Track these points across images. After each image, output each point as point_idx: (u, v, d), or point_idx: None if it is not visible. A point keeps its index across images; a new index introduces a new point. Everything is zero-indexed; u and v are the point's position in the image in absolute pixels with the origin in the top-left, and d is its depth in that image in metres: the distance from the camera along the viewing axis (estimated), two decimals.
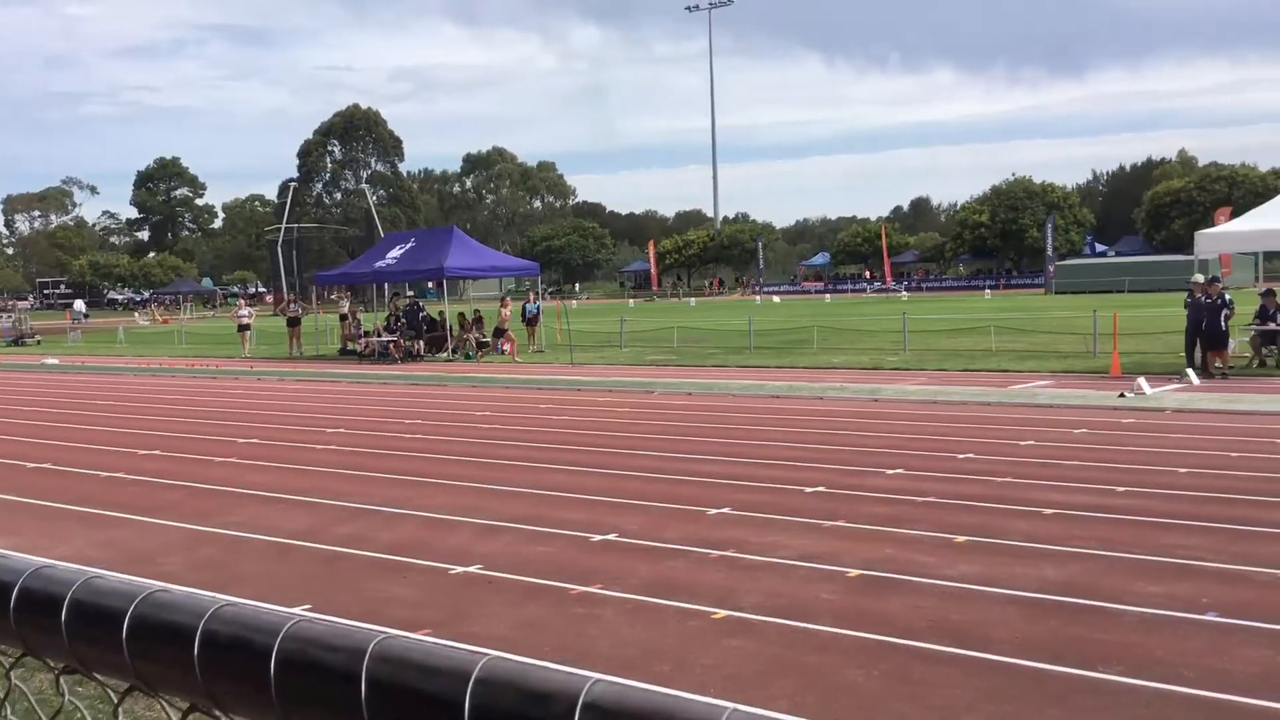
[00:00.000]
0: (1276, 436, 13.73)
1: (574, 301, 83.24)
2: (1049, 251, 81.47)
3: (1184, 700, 5.55)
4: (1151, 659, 6.13)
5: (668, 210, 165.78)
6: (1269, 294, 22.28)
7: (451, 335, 34.27)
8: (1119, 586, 7.53)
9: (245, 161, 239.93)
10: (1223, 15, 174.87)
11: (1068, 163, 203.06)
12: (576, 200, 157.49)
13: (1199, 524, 9.23)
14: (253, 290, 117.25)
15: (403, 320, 33.89)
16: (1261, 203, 24.64)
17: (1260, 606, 6.98)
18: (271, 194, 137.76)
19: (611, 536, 9.52)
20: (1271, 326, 21.51)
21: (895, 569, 8.19)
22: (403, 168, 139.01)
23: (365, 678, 0.81)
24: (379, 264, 35.53)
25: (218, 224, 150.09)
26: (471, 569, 8.60)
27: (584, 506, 10.90)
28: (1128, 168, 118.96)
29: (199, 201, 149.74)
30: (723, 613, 7.27)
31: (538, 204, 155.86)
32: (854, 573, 8.13)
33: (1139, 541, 8.72)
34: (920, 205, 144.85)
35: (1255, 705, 5.44)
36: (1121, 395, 17.90)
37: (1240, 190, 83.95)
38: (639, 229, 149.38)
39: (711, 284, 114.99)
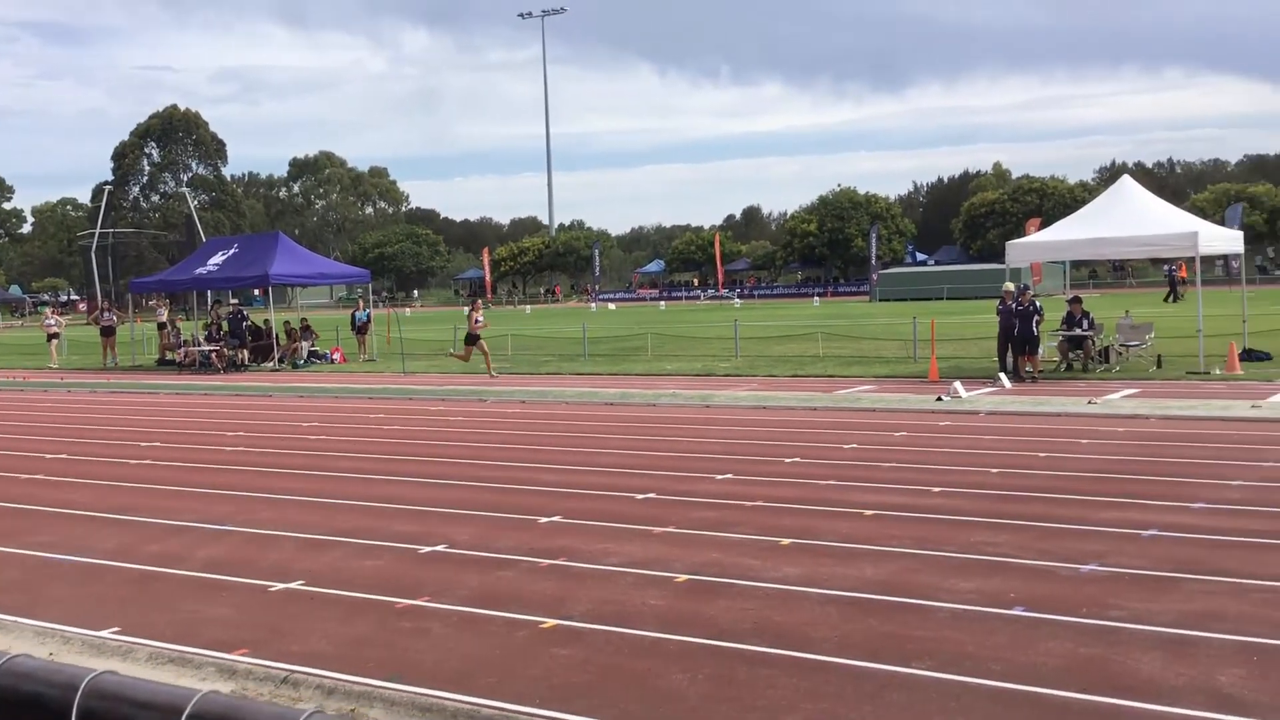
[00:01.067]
0: (1080, 437, 14.47)
1: (407, 309, 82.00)
2: (873, 260, 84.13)
3: (991, 693, 5.78)
4: (962, 653, 6.38)
5: (503, 217, 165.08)
6: (1076, 301, 23.49)
7: (278, 344, 33.34)
8: (932, 584, 7.81)
9: (57, 164, 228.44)
10: (1032, 35, 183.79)
11: (890, 174, 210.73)
12: (409, 207, 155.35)
13: (1008, 522, 9.65)
14: (64, 298, 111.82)
15: (225, 329, 32.81)
16: (1069, 214, 25.96)
17: (1063, 601, 7.33)
18: (85, 197, 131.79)
19: (441, 548, 9.40)
20: (1077, 332, 22.66)
21: (722, 572, 8.32)
22: (226, 171, 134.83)
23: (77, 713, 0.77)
24: (200, 271, 34.33)
25: (27, 229, 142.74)
26: (293, 585, 8.37)
27: (414, 518, 10.73)
28: (946, 180, 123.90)
29: (6, 205, 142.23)
30: (552, 622, 7.25)
31: (369, 210, 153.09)
32: (682, 577, 8.22)
33: (952, 540, 9.06)
34: (752, 214, 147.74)
35: (1058, 696, 5.70)
36: (939, 399, 18.59)
37: (1050, 201, 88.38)
38: (474, 236, 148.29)
39: (553, 290, 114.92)
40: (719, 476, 12.35)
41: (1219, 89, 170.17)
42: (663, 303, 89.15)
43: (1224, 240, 24.12)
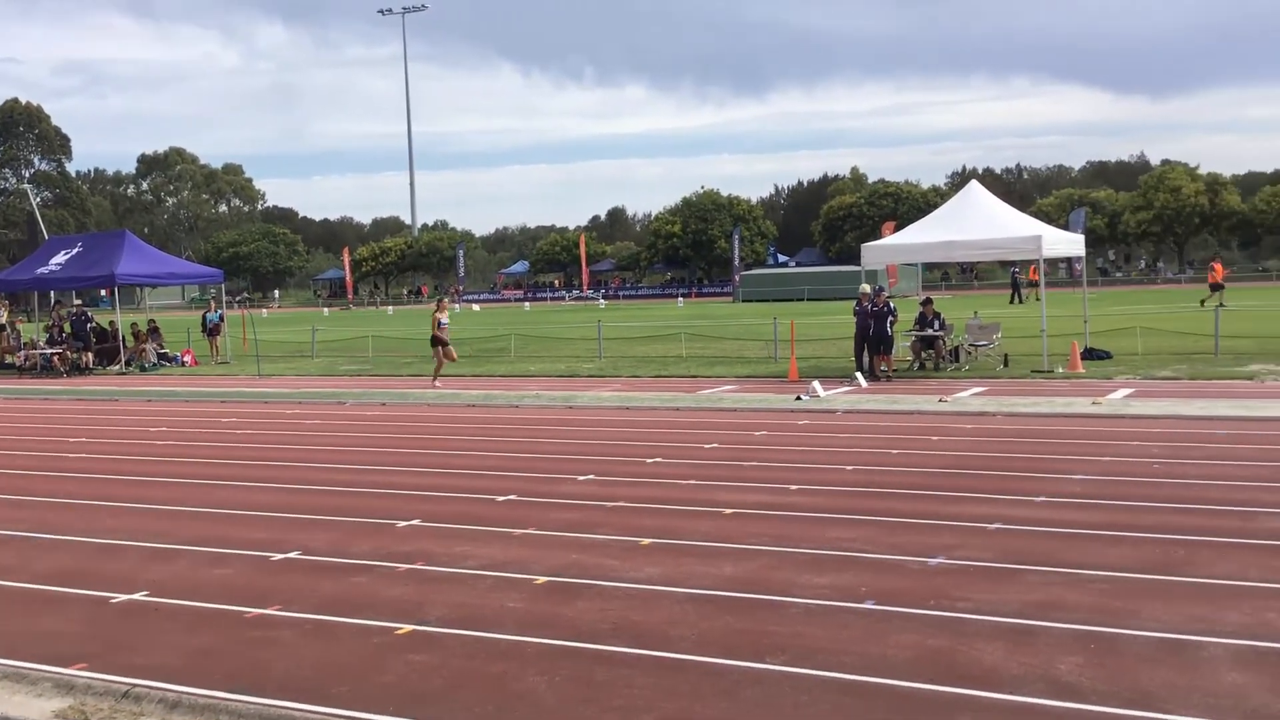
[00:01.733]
0: (932, 434, 14.88)
1: (264, 310, 79.95)
2: (736, 261, 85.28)
3: (841, 686, 5.89)
4: (815, 648, 6.48)
5: (364, 217, 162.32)
6: (928, 302, 24.18)
7: (125, 347, 32.15)
8: (788, 580, 7.93)
9: None
10: (888, 44, 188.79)
11: (752, 177, 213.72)
12: (266, 205, 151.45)
13: (862, 518, 9.87)
14: None
15: (68, 331, 31.49)
16: (923, 217, 26.72)
17: (912, 594, 7.52)
18: None
19: (294, 555, 9.17)
20: (929, 332, 23.33)
21: (582, 574, 8.30)
22: (71, 167, 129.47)
23: None
24: (42, 270, 32.89)
25: None
26: (137, 596, 8.06)
27: (267, 524, 10.45)
28: (806, 183, 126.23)
29: None
30: (408, 627, 7.14)
31: (223, 208, 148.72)
32: (541, 579, 8.18)
33: (808, 536, 9.22)
34: (617, 215, 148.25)
35: (906, 687, 5.84)
36: (798, 398, 18.93)
37: (906, 205, 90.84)
38: (334, 235, 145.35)
39: (418, 291, 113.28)
40: (581, 477, 12.33)
41: (1063, 98, 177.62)
42: (527, 304, 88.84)
43: (1067, 243, 25.12)
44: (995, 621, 6.87)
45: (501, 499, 11.25)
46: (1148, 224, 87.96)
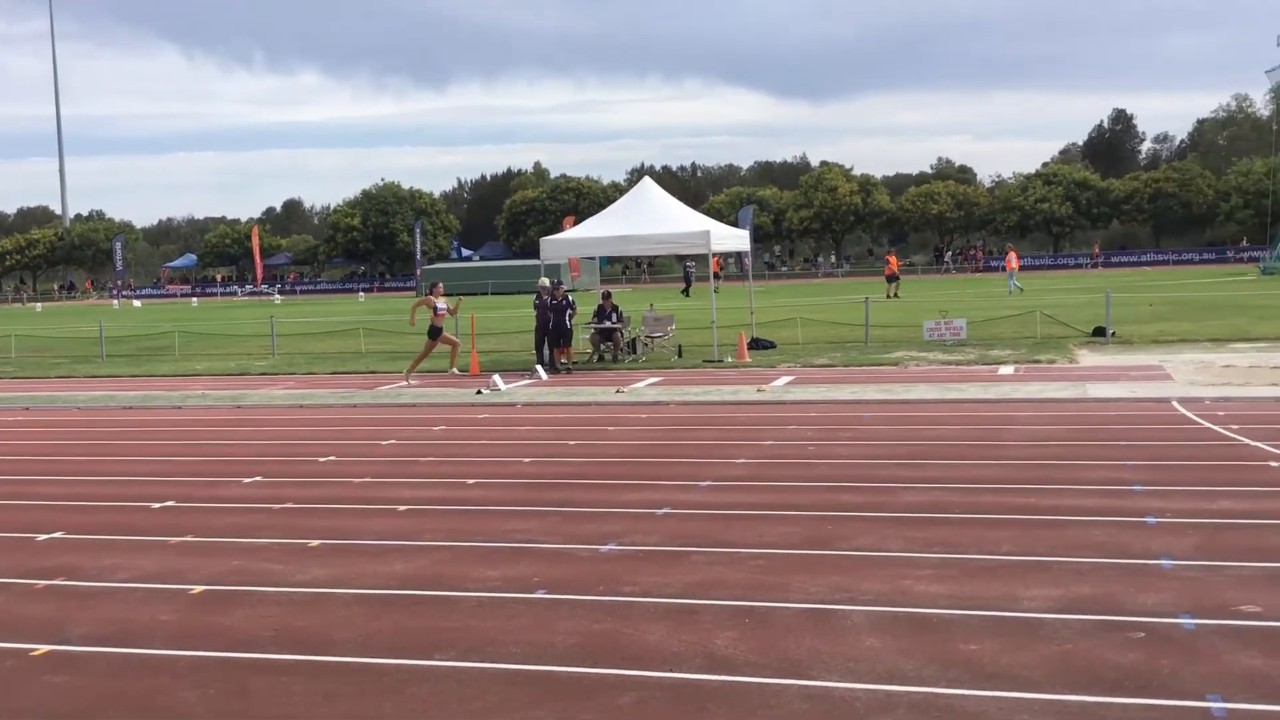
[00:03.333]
0: (609, 424, 15.23)
1: None
2: (418, 255, 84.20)
3: (507, 676, 5.90)
4: (485, 640, 6.47)
5: (8, 206, 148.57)
6: (607, 295, 24.72)
7: None
8: (461, 575, 7.88)
9: None
10: (566, 41, 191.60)
11: (435, 170, 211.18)
12: None
13: (537, 509, 9.95)
14: None
15: None
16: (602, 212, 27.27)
17: (582, 581, 7.65)
18: None
19: None
20: (607, 325, 23.86)
21: (243, 580, 7.93)
22: None
23: None
24: None
25: None
26: None
27: None
28: (489, 177, 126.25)
29: None
30: (45, 648, 6.58)
31: None
32: (198, 589, 7.74)
33: (483, 530, 9.21)
34: (292, 207, 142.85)
35: (571, 672, 5.92)
36: (478, 392, 18.89)
37: (587, 201, 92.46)
38: None
39: (69, 287, 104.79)
40: (247, 480, 11.80)
41: (732, 101, 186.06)
42: (195, 300, 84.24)
43: (734, 239, 26.32)
44: (660, 603, 7.09)
45: (158, 506, 10.59)
46: (809, 221, 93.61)
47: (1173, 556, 7.70)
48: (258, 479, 11.82)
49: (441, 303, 22.58)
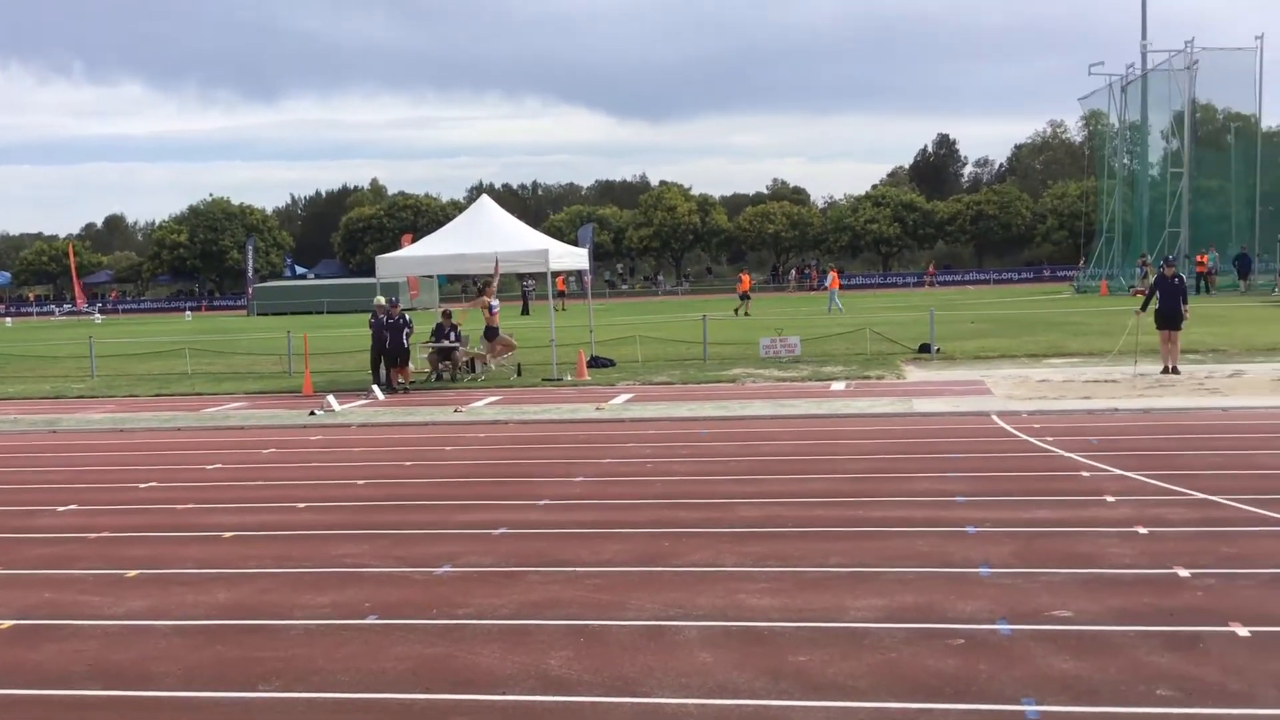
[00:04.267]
0: (446, 444, 15.04)
1: None
2: (250, 273, 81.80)
3: (335, 705, 5.75)
4: (311, 669, 6.29)
5: None
6: (446, 314, 24.42)
7: None
8: (288, 602, 7.65)
9: None
10: (402, 56, 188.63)
11: (267, 185, 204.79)
12: None
13: (370, 532, 9.75)
14: None
15: None
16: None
17: (415, 604, 7.52)
18: None
19: None
20: (446, 344, 23.59)
21: (55, 614, 7.54)
22: None
23: None
24: None
25: None
26: None
27: None
28: (325, 193, 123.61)
29: None
30: None
31: None
32: (6, 624, 7.33)
33: (313, 555, 8.97)
34: (115, 223, 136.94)
35: (401, 699, 5.81)
36: (312, 413, 18.43)
37: (425, 219, 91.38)
38: None
39: None
40: (62, 508, 11.24)
41: (572, 119, 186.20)
42: (9, 320, 79.99)
43: (573, 257, 26.35)
44: (494, 624, 7.02)
45: None
46: (648, 240, 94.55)
47: (990, 565, 8.01)
48: (73, 507, 11.28)
49: (496, 302, 22.16)
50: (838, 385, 20.03)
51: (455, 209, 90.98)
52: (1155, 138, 59.79)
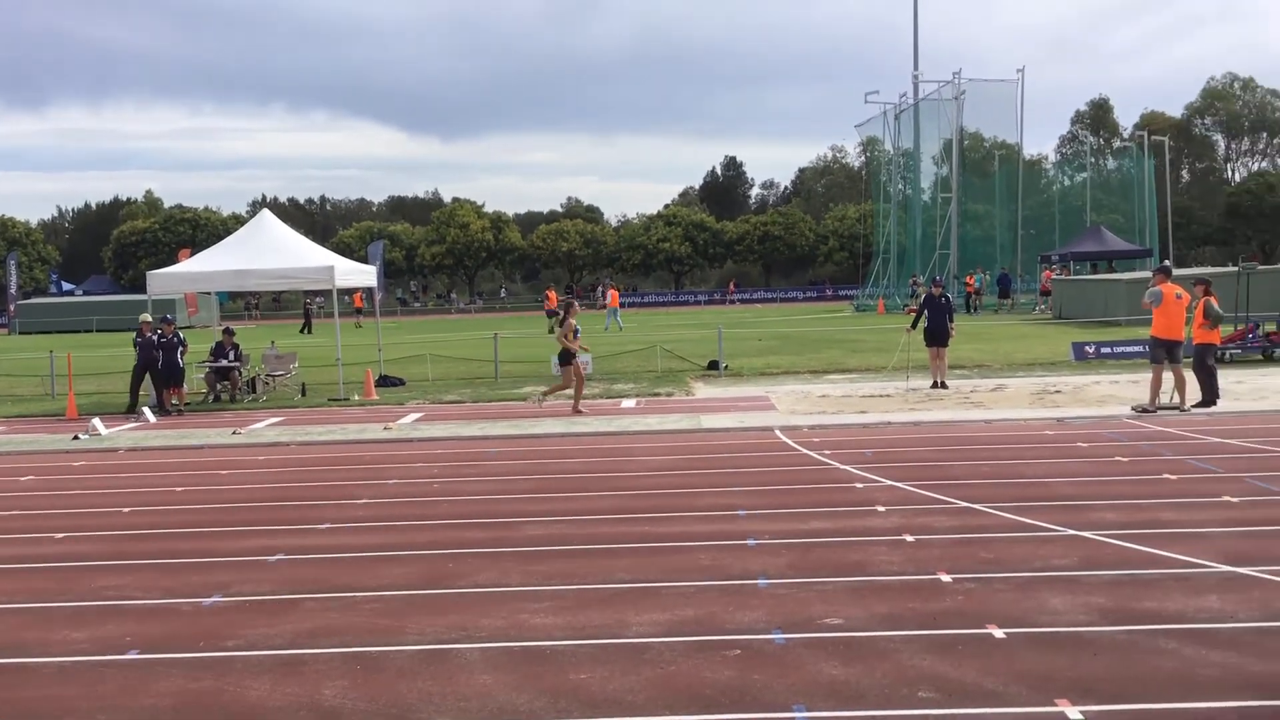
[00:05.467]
0: (223, 468, 14.44)
1: None
2: (13, 290, 76.80)
3: None
4: (65, 710, 5.91)
5: None
6: (228, 332, 23.49)
7: None
8: (41, 639, 7.17)
9: None
10: (179, 65, 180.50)
11: (31, 197, 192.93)
12: None
13: (136, 562, 9.26)
14: None
15: None
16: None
17: (182, 637, 7.16)
18: None
19: None
20: (224, 363, 22.69)
21: None
22: None
23: None
24: None
25: None
26: None
27: None
28: (95, 206, 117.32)
29: None
30: None
31: None
32: None
33: (69, 589, 8.44)
34: None
35: None
36: (76, 438, 17.43)
37: (204, 233, 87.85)
38: None
39: None
40: None
41: (362, 133, 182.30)
42: None
43: (361, 274, 25.79)
44: (266, 655, 6.75)
45: None
46: (441, 257, 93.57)
47: (768, 576, 8.21)
48: None
49: (577, 324, 19.48)
50: (628, 402, 20.24)
51: (237, 223, 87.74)
52: (927, 164, 63.14)
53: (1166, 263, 25.68)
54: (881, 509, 10.43)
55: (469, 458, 14.65)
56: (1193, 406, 16.45)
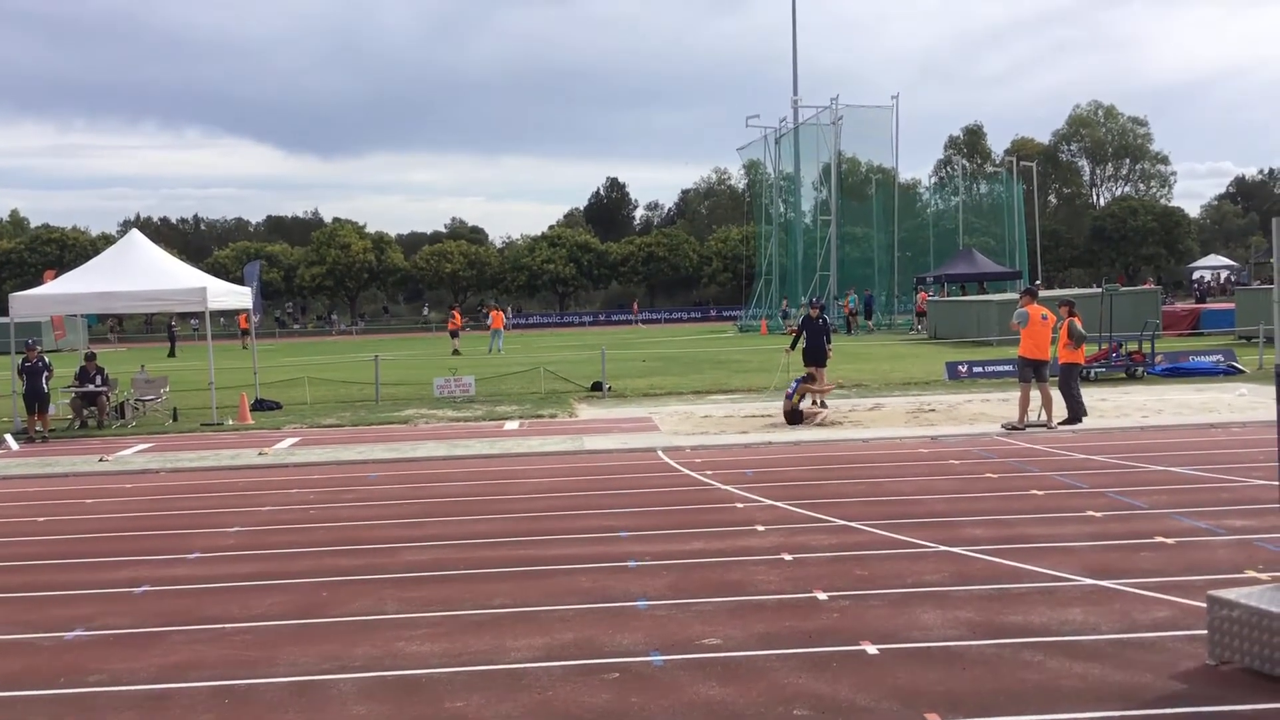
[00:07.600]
0: (88, 497, 13.95)
1: None
2: None
3: None
4: None
5: None
6: (91, 357, 22.72)
7: None
8: None
9: None
10: (46, 80, 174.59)
11: None
12: None
13: None
14: None
15: None
16: None
17: (41, 673, 6.88)
18: None
19: None
20: (90, 388, 21.94)
21: None
22: None
23: None
24: None
25: None
26: None
27: None
28: None
29: None
30: None
31: None
32: None
33: None
34: None
35: None
36: None
37: (73, 253, 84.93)
38: None
39: None
40: None
41: (238, 152, 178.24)
42: None
43: (236, 296, 25.18)
44: (129, 690, 6.53)
45: None
46: (321, 278, 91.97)
47: (648, 597, 8.22)
48: None
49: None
50: (511, 424, 20.12)
51: (106, 243, 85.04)
52: (807, 187, 64.37)
53: (1034, 285, 26.56)
54: (761, 528, 10.53)
55: (347, 483, 14.39)
56: (1059, 424, 17.01)
